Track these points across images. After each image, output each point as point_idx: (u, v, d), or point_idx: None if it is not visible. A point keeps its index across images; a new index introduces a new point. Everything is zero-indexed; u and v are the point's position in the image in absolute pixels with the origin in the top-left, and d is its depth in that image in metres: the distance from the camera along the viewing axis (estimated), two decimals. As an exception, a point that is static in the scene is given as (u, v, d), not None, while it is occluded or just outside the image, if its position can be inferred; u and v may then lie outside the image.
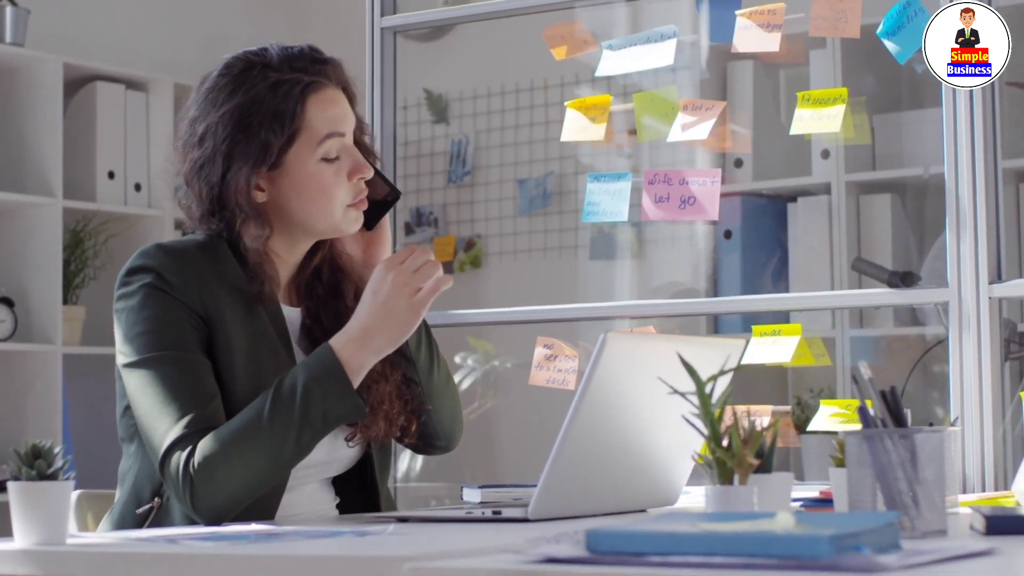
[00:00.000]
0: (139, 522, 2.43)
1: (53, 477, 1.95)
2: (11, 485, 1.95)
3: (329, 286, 2.61)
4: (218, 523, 2.32)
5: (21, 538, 1.93)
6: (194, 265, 2.44)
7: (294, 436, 2.34)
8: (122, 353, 2.44)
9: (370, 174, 2.54)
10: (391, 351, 2.45)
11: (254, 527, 2.20)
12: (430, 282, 2.42)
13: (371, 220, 2.62)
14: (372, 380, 2.51)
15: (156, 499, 2.43)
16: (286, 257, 2.56)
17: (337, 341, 2.40)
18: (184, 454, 2.32)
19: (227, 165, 2.45)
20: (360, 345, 2.40)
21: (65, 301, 5.10)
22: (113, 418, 2.51)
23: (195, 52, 5.79)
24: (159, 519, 2.42)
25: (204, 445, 2.33)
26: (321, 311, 2.59)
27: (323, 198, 2.49)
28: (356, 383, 2.39)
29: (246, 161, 2.44)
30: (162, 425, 2.35)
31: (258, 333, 2.46)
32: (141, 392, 2.39)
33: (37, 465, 1.95)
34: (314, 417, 2.35)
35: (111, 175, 5.28)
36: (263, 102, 2.45)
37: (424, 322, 2.63)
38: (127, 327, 2.43)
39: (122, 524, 2.45)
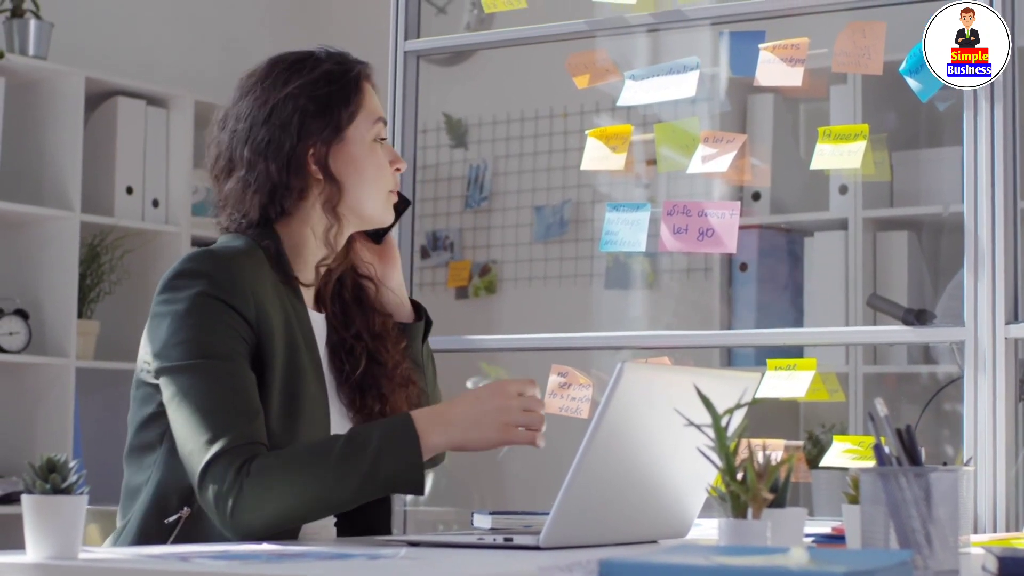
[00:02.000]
0: (166, 533, 2.41)
1: (67, 491, 1.95)
2: (25, 498, 1.95)
3: (354, 293, 2.67)
4: (248, 540, 2.30)
5: (33, 552, 1.93)
6: (246, 272, 2.44)
7: (355, 484, 2.33)
8: (160, 358, 2.40)
9: (404, 167, 2.66)
10: (459, 448, 2.46)
11: (266, 547, 2.20)
12: (523, 431, 2.43)
13: (380, 231, 2.69)
14: (400, 384, 2.59)
15: (185, 508, 2.40)
16: (335, 247, 2.60)
17: (420, 416, 2.40)
18: (234, 466, 2.30)
19: (298, 136, 2.52)
20: (440, 430, 2.40)
21: (80, 315, 5.10)
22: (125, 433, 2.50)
23: (216, 70, 5.81)
24: (187, 529, 2.39)
25: (263, 461, 2.31)
26: (356, 317, 2.64)
27: (377, 175, 2.59)
28: (424, 458, 2.39)
29: (318, 130, 2.53)
30: (207, 433, 2.32)
31: (294, 344, 2.47)
32: (183, 397, 2.36)
33: (51, 479, 1.95)
34: (381, 475, 2.34)
35: (129, 190, 5.29)
36: (331, 79, 2.56)
37: (428, 344, 2.74)
38: (171, 332, 2.40)
39: (145, 537, 2.41)
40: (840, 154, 2.99)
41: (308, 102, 2.53)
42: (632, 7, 3.31)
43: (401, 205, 2.67)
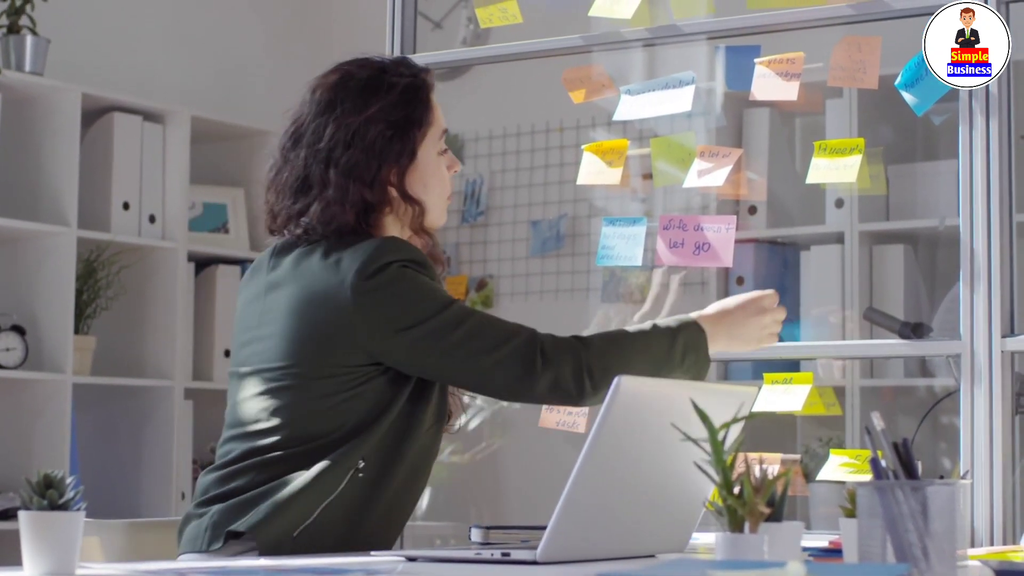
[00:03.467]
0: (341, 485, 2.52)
1: (64, 507, 1.95)
2: (22, 515, 1.95)
3: None
4: (586, 401, 2.64)
5: (31, 568, 1.93)
6: None
7: (677, 362, 2.67)
8: (401, 322, 2.54)
9: (460, 167, 2.80)
10: (723, 349, 2.79)
11: (263, 562, 2.19)
12: (770, 336, 2.84)
13: None
14: None
15: (360, 461, 2.53)
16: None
17: (705, 321, 2.74)
18: (567, 346, 2.66)
19: (382, 159, 2.63)
20: (720, 336, 2.76)
21: (76, 331, 5.09)
22: (124, 449, 2.51)
23: (213, 85, 5.81)
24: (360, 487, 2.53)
25: (595, 339, 2.69)
26: None
27: (441, 188, 2.73)
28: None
29: (396, 155, 2.64)
30: (511, 337, 2.63)
31: None
32: (457, 330, 2.55)
33: (48, 495, 1.95)
34: (683, 369, 2.67)
35: (126, 206, 5.28)
36: (407, 99, 2.67)
37: None
38: (407, 297, 2.55)
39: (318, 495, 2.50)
40: (836, 168, 2.99)
41: (387, 127, 2.63)
42: (628, 22, 3.31)
43: None
